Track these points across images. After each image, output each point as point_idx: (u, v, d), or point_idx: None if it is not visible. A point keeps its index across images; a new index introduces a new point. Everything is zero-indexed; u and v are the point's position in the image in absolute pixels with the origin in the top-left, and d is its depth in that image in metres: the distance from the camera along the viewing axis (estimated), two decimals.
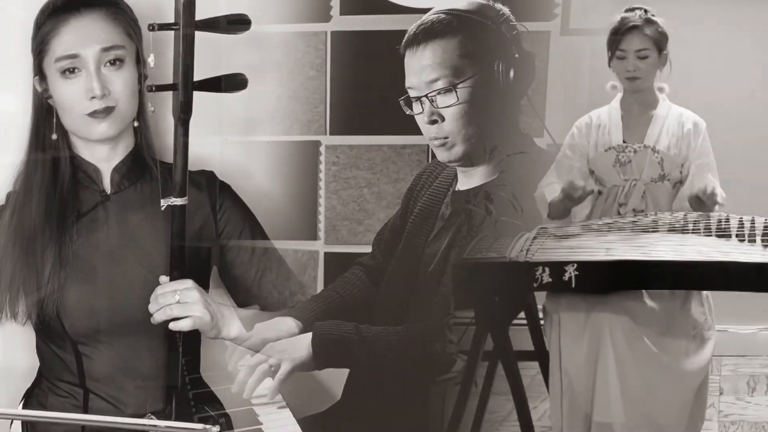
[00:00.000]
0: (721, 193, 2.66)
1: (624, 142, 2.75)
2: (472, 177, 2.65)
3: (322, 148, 2.79)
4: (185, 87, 2.24)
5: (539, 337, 2.74)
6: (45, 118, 2.42)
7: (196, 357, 2.51)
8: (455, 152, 2.61)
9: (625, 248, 2.57)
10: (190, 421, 2.35)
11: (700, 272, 2.52)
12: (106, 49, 2.36)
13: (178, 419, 2.35)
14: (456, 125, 2.58)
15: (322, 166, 2.80)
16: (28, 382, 2.53)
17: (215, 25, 2.28)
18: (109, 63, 2.37)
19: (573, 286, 2.53)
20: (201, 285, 2.36)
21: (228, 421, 2.48)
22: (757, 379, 2.96)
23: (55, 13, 2.37)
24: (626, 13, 2.70)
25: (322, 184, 2.80)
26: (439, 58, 2.57)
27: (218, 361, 2.54)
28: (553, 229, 2.70)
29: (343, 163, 2.80)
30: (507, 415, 2.76)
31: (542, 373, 2.74)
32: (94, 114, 2.36)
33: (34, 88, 2.43)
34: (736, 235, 2.59)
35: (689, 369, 2.71)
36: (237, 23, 2.31)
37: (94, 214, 2.44)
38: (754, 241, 2.56)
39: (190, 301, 2.31)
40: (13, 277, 2.39)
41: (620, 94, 2.77)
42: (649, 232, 2.65)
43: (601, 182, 2.76)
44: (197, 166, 2.45)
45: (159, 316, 2.31)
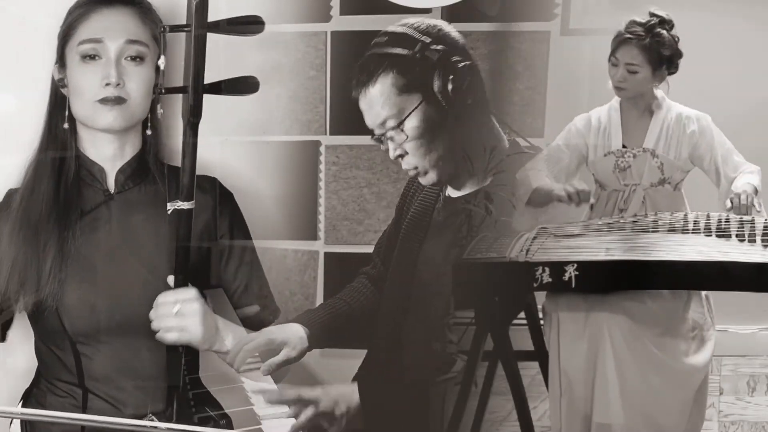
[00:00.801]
0: (756, 201, 2.65)
1: (623, 147, 2.74)
2: (461, 186, 2.65)
3: (322, 148, 2.79)
4: (195, 90, 2.22)
5: (539, 337, 2.74)
6: (57, 109, 2.44)
7: (195, 357, 2.51)
8: (430, 178, 2.60)
9: (625, 248, 2.57)
10: (190, 421, 2.35)
11: (700, 272, 2.52)
12: (131, 42, 2.39)
13: (178, 420, 2.35)
14: (417, 156, 2.57)
15: (322, 166, 2.80)
16: (27, 382, 2.53)
17: (229, 27, 2.26)
18: (130, 57, 2.39)
19: (573, 286, 2.53)
20: (201, 284, 2.36)
21: (228, 421, 2.48)
22: (757, 379, 2.96)
23: (89, 3, 2.41)
24: (638, 18, 2.68)
25: (322, 184, 2.80)
26: (381, 101, 2.55)
27: (218, 361, 2.53)
28: (553, 229, 2.69)
29: (343, 163, 2.80)
30: (507, 415, 2.75)
31: (542, 373, 2.74)
32: (105, 101, 2.37)
33: (52, 78, 2.45)
34: (736, 235, 2.59)
35: (689, 369, 2.71)
36: (250, 24, 2.30)
37: (97, 213, 2.45)
38: (754, 241, 2.56)
39: (188, 314, 2.32)
40: (15, 263, 2.40)
41: None
42: (649, 232, 2.65)
43: (601, 186, 2.76)
44: (198, 168, 2.45)
45: (156, 325, 2.34)
